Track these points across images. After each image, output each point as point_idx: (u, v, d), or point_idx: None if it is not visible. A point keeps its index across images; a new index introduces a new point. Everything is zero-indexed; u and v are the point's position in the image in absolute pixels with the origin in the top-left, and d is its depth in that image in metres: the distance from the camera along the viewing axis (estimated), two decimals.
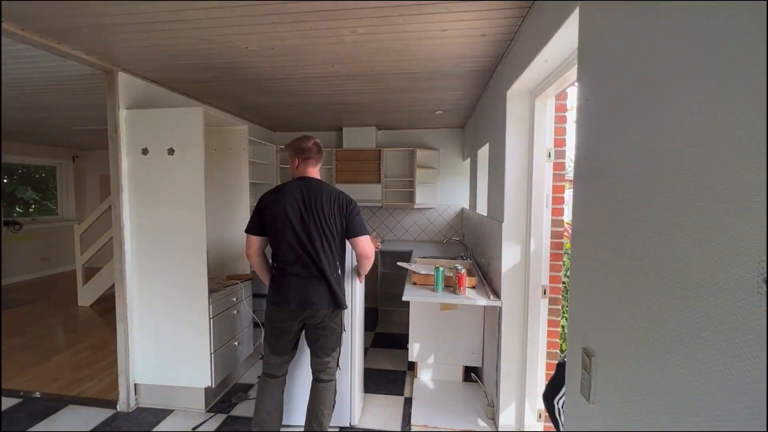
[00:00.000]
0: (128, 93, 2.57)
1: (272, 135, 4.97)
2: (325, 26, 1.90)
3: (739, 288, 0.49)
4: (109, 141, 2.52)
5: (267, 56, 2.31)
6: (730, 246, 0.51)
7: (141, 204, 2.56)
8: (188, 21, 1.84)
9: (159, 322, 2.59)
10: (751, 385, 0.47)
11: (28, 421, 2.48)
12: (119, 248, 2.55)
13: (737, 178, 0.50)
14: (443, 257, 3.61)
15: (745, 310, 0.48)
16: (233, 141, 3.16)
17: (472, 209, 3.94)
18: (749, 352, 0.47)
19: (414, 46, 2.16)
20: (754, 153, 0.47)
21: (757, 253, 0.46)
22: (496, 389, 2.34)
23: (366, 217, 5.00)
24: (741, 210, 0.49)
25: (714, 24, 0.56)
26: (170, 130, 2.49)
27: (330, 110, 3.81)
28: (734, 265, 0.50)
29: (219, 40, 2.07)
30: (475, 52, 2.25)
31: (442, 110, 3.80)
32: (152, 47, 2.16)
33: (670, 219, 0.65)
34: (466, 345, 2.90)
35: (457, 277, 2.39)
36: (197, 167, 2.47)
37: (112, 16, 1.79)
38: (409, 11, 1.75)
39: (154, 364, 2.62)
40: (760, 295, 0.46)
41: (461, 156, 4.78)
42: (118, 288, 2.58)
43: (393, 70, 2.58)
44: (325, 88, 2.99)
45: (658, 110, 0.69)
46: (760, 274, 0.46)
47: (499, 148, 2.37)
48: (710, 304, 0.55)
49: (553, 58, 1.62)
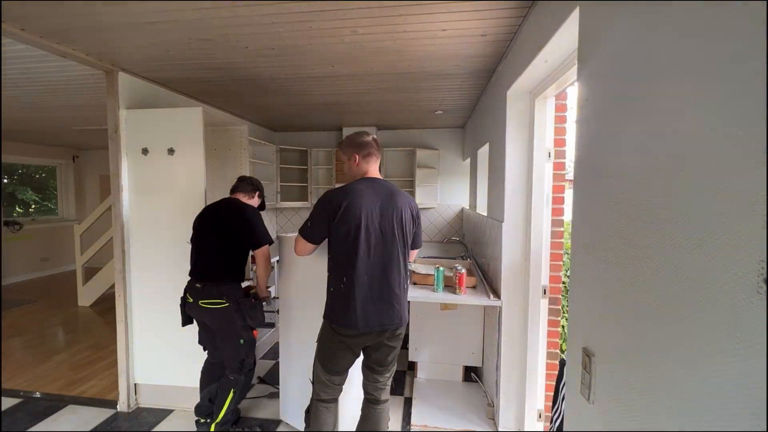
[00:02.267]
0: (128, 93, 2.57)
1: (272, 135, 4.97)
2: (325, 26, 1.90)
3: (739, 288, 0.49)
4: (109, 141, 2.52)
5: (267, 56, 2.31)
6: (730, 246, 0.51)
7: (141, 204, 2.56)
8: (188, 21, 1.84)
9: (159, 322, 2.59)
10: (751, 385, 0.47)
11: (28, 421, 2.48)
12: (119, 248, 2.55)
13: (737, 178, 0.50)
14: (443, 257, 3.61)
15: (745, 310, 0.48)
16: (233, 141, 3.16)
17: (472, 209, 3.94)
18: (749, 352, 0.47)
19: (414, 46, 2.16)
20: (754, 153, 0.47)
21: (757, 253, 0.46)
22: (496, 389, 2.34)
23: None
24: (741, 210, 0.49)
25: (714, 24, 0.56)
26: (170, 130, 2.49)
27: (330, 110, 3.81)
28: (734, 265, 0.50)
29: (219, 40, 2.07)
30: (475, 52, 2.25)
31: (442, 110, 3.80)
32: (152, 47, 2.16)
33: (670, 219, 0.65)
34: (466, 345, 2.89)
35: (457, 277, 2.39)
36: (197, 167, 2.47)
37: (112, 16, 1.79)
38: (409, 11, 1.75)
39: (154, 364, 2.62)
40: (760, 295, 0.46)
41: (461, 156, 4.78)
42: (118, 288, 2.58)
43: (393, 70, 2.58)
44: (325, 88, 2.99)
45: (658, 110, 0.69)
46: (760, 274, 0.46)
47: (499, 148, 2.37)
48: (710, 304, 0.55)
49: (553, 58, 1.62)
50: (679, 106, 0.63)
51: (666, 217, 0.66)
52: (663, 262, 0.67)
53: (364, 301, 1.63)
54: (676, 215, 0.63)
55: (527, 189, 2.18)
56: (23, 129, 4.98)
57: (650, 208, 0.71)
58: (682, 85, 0.63)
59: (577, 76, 1.11)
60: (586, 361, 0.95)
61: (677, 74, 0.64)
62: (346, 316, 1.63)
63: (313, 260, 1.99)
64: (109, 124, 2.51)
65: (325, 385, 1.77)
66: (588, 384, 0.94)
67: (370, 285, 1.64)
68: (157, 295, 2.58)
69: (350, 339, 1.67)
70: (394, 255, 1.66)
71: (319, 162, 4.93)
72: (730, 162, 0.52)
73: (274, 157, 4.49)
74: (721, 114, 0.53)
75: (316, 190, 4.93)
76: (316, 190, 4.93)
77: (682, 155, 0.62)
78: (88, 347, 3.61)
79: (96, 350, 3.54)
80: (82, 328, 4.18)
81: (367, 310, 1.63)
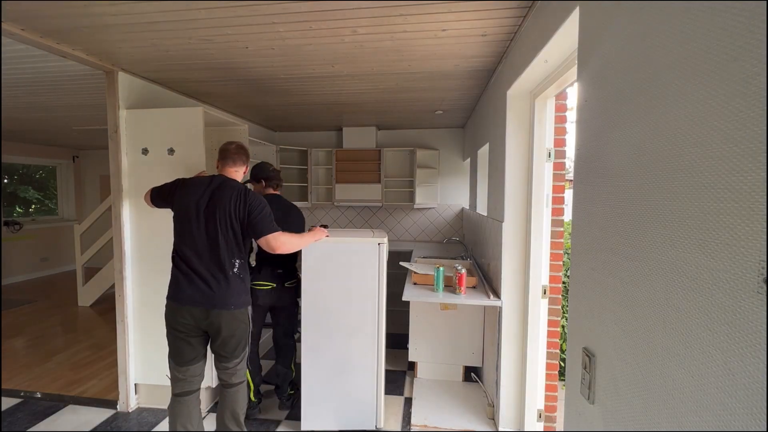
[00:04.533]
0: (128, 93, 2.57)
1: (272, 135, 4.97)
2: (325, 26, 1.90)
3: (739, 288, 0.49)
4: (109, 141, 2.52)
5: (267, 56, 2.31)
6: (730, 246, 0.51)
7: (141, 204, 2.56)
8: (188, 21, 1.84)
9: (159, 322, 2.56)
10: (751, 385, 0.47)
11: (28, 421, 2.48)
12: (119, 248, 2.55)
13: (737, 178, 0.50)
14: (443, 257, 3.61)
15: (745, 310, 0.48)
16: None
17: (472, 209, 3.94)
18: (749, 352, 0.47)
19: (414, 46, 2.16)
20: (754, 153, 0.47)
21: (757, 253, 0.46)
22: (496, 389, 2.34)
23: (366, 217, 4.99)
24: (741, 210, 0.50)
25: (714, 23, 0.56)
26: (170, 130, 2.49)
27: (330, 110, 3.81)
28: (734, 265, 0.50)
29: (219, 40, 2.07)
30: (475, 52, 2.25)
31: (442, 110, 3.80)
32: (152, 47, 2.16)
33: (670, 219, 0.65)
34: (466, 345, 2.90)
35: (457, 277, 2.39)
36: (197, 167, 2.47)
37: (112, 16, 1.79)
38: (409, 11, 1.75)
39: (154, 364, 2.61)
40: (760, 295, 0.46)
41: (461, 156, 4.78)
42: (118, 288, 2.58)
43: (393, 70, 2.58)
44: (325, 88, 2.99)
45: (658, 110, 0.69)
46: (760, 274, 0.46)
47: (499, 148, 2.37)
48: (710, 304, 0.55)
49: (553, 58, 1.62)
50: (678, 106, 0.64)
51: (666, 217, 0.66)
52: (663, 262, 0.67)
53: (185, 276, 1.84)
54: (676, 215, 0.64)
55: (527, 189, 2.18)
56: (23, 129, 4.98)
57: (650, 208, 0.71)
58: (682, 85, 0.63)
59: (577, 76, 1.11)
60: (586, 361, 0.95)
61: (677, 74, 0.64)
62: (174, 289, 1.87)
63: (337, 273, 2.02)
64: (109, 124, 2.51)
65: (176, 378, 1.92)
66: (588, 384, 0.94)
67: (193, 264, 1.84)
68: (157, 295, 2.58)
69: (176, 317, 1.84)
70: (219, 239, 1.84)
71: (319, 162, 4.93)
72: (730, 162, 0.52)
73: (274, 157, 4.49)
74: (721, 114, 0.53)
75: (316, 189, 4.93)
76: (316, 189, 4.93)
77: (682, 155, 0.62)
78: (88, 347, 3.61)
79: (96, 350, 3.54)
80: (82, 328, 4.18)
81: (186, 286, 1.84)
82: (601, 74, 0.95)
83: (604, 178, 0.91)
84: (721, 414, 0.52)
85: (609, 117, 0.90)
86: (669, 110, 0.66)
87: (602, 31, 0.95)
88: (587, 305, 1.00)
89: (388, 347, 3.65)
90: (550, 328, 2.16)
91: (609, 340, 0.87)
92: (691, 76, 0.61)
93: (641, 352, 0.73)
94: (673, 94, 0.65)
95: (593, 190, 0.98)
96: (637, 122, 0.77)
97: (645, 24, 0.75)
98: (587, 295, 1.00)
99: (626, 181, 0.81)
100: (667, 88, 0.67)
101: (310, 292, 2.31)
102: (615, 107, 0.87)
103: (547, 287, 2.14)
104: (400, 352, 3.42)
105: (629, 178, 0.79)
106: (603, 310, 0.91)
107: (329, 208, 5.05)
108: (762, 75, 0.46)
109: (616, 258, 0.85)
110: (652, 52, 0.72)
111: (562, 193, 2.14)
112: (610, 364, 0.86)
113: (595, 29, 1.01)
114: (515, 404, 2.30)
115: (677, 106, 0.64)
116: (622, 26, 0.84)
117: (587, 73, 1.04)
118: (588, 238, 1.00)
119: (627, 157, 0.80)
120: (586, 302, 1.01)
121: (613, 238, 0.86)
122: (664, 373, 0.66)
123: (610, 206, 0.88)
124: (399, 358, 3.33)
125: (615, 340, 0.84)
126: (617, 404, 0.82)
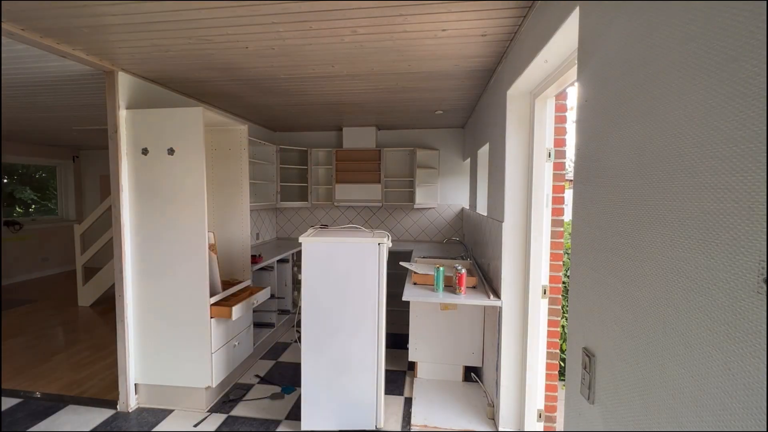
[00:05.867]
0: (128, 93, 2.57)
1: (272, 135, 4.97)
2: (325, 26, 1.90)
3: (739, 288, 0.49)
4: (109, 141, 2.52)
5: (267, 56, 2.31)
6: (730, 246, 0.51)
7: (141, 204, 2.56)
8: (188, 21, 1.84)
9: (159, 322, 2.59)
10: (751, 385, 0.47)
11: (28, 421, 2.48)
12: (119, 248, 2.55)
13: (737, 178, 0.50)
14: (443, 257, 3.61)
15: (745, 310, 0.48)
16: (233, 141, 3.16)
17: (472, 209, 3.94)
18: (749, 352, 0.47)
19: (414, 46, 2.16)
20: (754, 153, 0.47)
21: (757, 253, 0.46)
22: (496, 389, 2.34)
23: (366, 217, 5.00)
24: (741, 210, 0.50)
25: (714, 23, 0.56)
26: (170, 130, 2.49)
27: (330, 110, 3.81)
28: (734, 265, 0.50)
29: (219, 40, 2.07)
30: (475, 52, 2.25)
31: (442, 110, 3.80)
32: (152, 47, 2.16)
33: (670, 219, 0.65)
34: (466, 345, 2.90)
35: (457, 277, 2.39)
36: (197, 167, 2.47)
37: (112, 16, 1.79)
38: (409, 11, 1.75)
39: (154, 364, 2.62)
40: (760, 295, 0.46)
41: (461, 156, 4.78)
42: (118, 288, 2.58)
43: (393, 70, 2.58)
44: (325, 88, 2.99)
45: (658, 110, 0.69)
46: (760, 274, 0.46)
47: (499, 148, 2.37)
48: (710, 304, 0.55)
49: (553, 58, 1.62)
50: (678, 106, 0.64)
51: (666, 217, 0.66)
52: (663, 262, 0.67)
53: None
54: (676, 215, 0.64)
55: (527, 189, 2.18)
56: (23, 129, 4.97)
57: (650, 208, 0.71)
58: (682, 85, 0.63)
59: (577, 76, 1.11)
60: (586, 361, 0.95)
61: (677, 74, 0.64)
62: None
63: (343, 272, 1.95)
64: (109, 124, 2.51)
65: None
66: (588, 384, 0.94)
67: None
68: (157, 294, 2.58)
69: None
70: None
71: (319, 162, 4.93)
72: (730, 162, 0.52)
73: (274, 157, 4.49)
74: (721, 114, 0.53)
75: (315, 189, 4.93)
76: (316, 189, 4.93)
77: (682, 155, 0.62)
78: (88, 347, 3.61)
79: (96, 350, 3.54)
80: (82, 328, 4.18)
81: None
82: (601, 74, 0.95)
83: (604, 178, 0.91)
84: (721, 414, 0.52)
85: (609, 117, 0.90)
86: (669, 110, 0.66)
87: (602, 31, 0.95)
88: (587, 305, 1.00)
89: (388, 347, 3.66)
90: (550, 328, 2.16)
91: (609, 340, 0.87)
92: (691, 76, 0.61)
93: (641, 352, 0.73)
94: (673, 94, 0.65)
95: (593, 190, 0.98)
96: (638, 122, 0.77)
97: (645, 24, 0.75)
98: (587, 295, 1.00)
99: (626, 181, 0.81)
100: (667, 88, 0.67)
101: (310, 292, 2.30)
102: (615, 107, 0.87)
103: (547, 287, 2.14)
104: (400, 352, 3.43)
105: (629, 178, 0.79)
106: (603, 310, 0.91)
107: (329, 208, 5.05)
108: (762, 75, 0.46)
109: (616, 258, 0.85)
110: (652, 52, 0.72)
111: (562, 193, 2.14)
112: (610, 364, 0.86)
113: (595, 29, 1.01)
114: (515, 404, 2.30)
115: (677, 106, 0.64)
116: (622, 26, 0.84)
117: (587, 73, 1.04)
118: (588, 238, 1.00)
119: (627, 157, 0.81)
120: (586, 302, 1.01)
121: (613, 238, 0.86)
122: (664, 373, 0.66)
123: (610, 206, 0.88)
124: (399, 358, 3.33)
125: (615, 340, 0.84)
126: (617, 404, 0.82)
